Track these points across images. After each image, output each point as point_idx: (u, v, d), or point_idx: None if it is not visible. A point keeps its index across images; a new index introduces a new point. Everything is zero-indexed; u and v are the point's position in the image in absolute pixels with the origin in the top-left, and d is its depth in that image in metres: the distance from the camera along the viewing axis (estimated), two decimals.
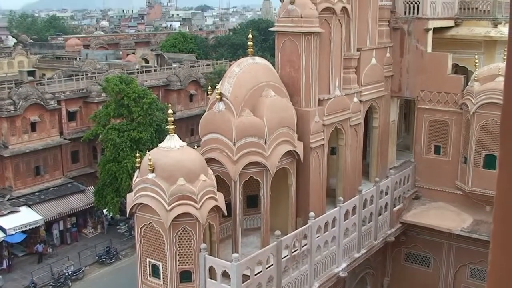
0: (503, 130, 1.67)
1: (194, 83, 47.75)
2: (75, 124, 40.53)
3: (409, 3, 20.95)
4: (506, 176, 1.69)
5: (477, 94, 19.46)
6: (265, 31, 61.43)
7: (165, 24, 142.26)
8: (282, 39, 16.90)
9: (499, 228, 1.72)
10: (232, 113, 15.16)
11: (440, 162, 21.39)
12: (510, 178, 1.68)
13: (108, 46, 75.58)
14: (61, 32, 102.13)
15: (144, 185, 13.68)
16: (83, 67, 52.51)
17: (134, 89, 34.88)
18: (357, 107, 19.23)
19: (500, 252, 1.69)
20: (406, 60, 21.35)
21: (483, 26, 22.10)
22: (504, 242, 1.70)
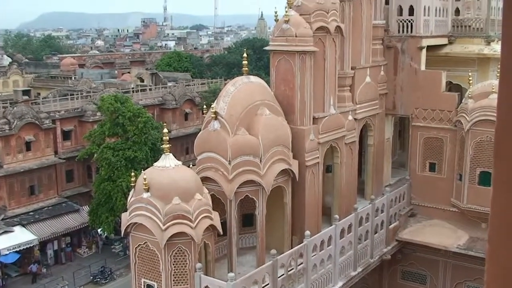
0: (497, 150, 1.68)
1: (189, 102, 47.85)
2: (70, 143, 40.46)
3: (403, 21, 21.11)
4: (500, 197, 1.69)
5: (471, 112, 19.55)
6: (260, 50, 61.73)
7: (160, 43, 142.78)
8: (276, 58, 16.98)
9: (494, 249, 1.71)
10: (227, 132, 15.16)
11: (435, 179, 21.41)
12: (504, 199, 1.68)
13: (103, 66, 75.75)
14: (57, 51, 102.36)
15: (139, 205, 13.63)
16: (78, 86, 52.54)
17: (129, 108, 34.91)
18: (352, 125, 19.27)
19: (496, 274, 1.69)
20: (400, 78, 21.46)
21: (476, 43, 22.28)
22: (499, 263, 1.69)
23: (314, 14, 17.01)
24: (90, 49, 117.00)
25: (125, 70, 69.41)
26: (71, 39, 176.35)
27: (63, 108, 41.64)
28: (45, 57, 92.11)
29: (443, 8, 22.15)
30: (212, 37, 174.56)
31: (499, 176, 1.71)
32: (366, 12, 19.49)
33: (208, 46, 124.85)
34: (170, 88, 50.12)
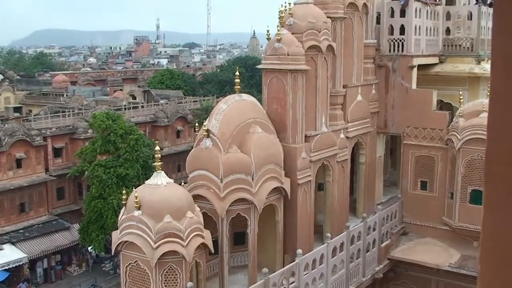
0: (487, 171, 1.68)
1: (181, 119, 47.83)
2: (61, 161, 40.23)
3: (394, 41, 21.28)
4: (491, 218, 1.70)
5: (462, 130, 19.66)
6: (252, 68, 61.96)
7: (153, 61, 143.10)
8: (269, 76, 17.05)
9: (486, 269, 1.71)
10: (219, 150, 15.16)
11: (426, 197, 21.45)
12: (494, 220, 1.68)
13: (96, 83, 75.69)
14: (49, 68, 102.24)
15: (130, 223, 13.55)
16: (70, 104, 52.44)
17: (121, 125, 34.82)
18: (344, 143, 19.32)
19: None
20: (392, 97, 21.58)
21: (467, 63, 22.48)
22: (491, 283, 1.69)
23: (306, 33, 17.13)
24: (83, 66, 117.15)
25: (117, 88, 69.42)
26: (64, 56, 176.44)
27: (54, 125, 41.49)
28: (37, 74, 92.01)
29: (434, 27, 22.36)
30: (205, 55, 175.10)
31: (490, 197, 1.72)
32: (357, 31, 19.65)
33: (201, 64, 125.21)
34: (162, 105, 50.13)
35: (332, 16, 18.23)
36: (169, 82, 71.77)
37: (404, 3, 20.73)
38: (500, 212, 1.69)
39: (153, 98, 56.67)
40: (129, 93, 60.53)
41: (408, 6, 20.68)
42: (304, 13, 17.39)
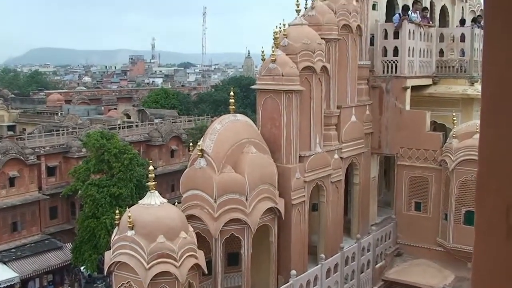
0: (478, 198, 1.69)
1: (175, 139, 47.85)
2: (54, 180, 40.12)
3: (387, 62, 21.42)
4: (482, 242, 1.70)
5: (456, 151, 19.72)
6: (247, 87, 62.22)
7: (148, 80, 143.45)
8: (263, 96, 17.11)
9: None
10: (213, 170, 15.15)
11: (421, 218, 21.43)
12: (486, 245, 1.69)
13: (90, 102, 75.73)
14: (43, 87, 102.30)
15: (123, 243, 13.47)
16: (64, 122, 52.41)
17: (115, 145, 34.81)
18: (338, 163, 19.35)
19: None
20: (385, 118, 21.66)
21: (460, 84, 22.61)
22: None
23: (300, 54, 17.24)
24: (77, 85, 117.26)
25: (112, 107, 69.46)
26: (58, 75, 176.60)
27: (48, 144, 41.43)
28: (32, 92, 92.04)
29: (427, 49, 22.54)
30: (200, 74, 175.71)
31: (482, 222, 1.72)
32: (351, 52, 19.79)
33: (195, 84, 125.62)
34: (156, 124, 50.18)
35: (326, 38, 18.37)
36: (163, 101, 71.93)
37: (398, 25, 20.91)
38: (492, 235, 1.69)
39: (148, 118, 56.71)
40: (124, 112, 60.57)
41: (401, 28, 20.85)
42: (298, 34, 17.52)
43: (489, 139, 1.69)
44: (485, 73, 1.68)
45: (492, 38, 1.66)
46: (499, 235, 1.66)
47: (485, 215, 1.70)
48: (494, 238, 1.68)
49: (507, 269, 1.64)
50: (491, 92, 1.66)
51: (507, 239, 1.64)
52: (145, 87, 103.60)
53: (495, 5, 1.63)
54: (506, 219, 1.64)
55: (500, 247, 1.66)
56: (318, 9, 18.60)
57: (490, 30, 1.67)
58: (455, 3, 26.01)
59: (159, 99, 72.53)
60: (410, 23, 21.00)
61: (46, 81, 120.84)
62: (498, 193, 1.64)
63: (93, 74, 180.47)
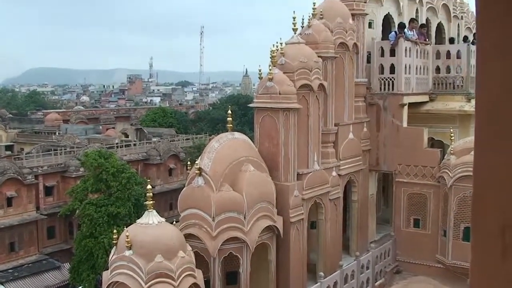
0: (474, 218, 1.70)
1: (173, 157, 47.85)
2: (52, 199, 40.03)
3: (384, 79, 21.51)
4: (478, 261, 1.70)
5: (454, 168, 19.73)
6: (245, 106, 62.31)
7: (146, 99, 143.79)
8: (261, 114, 17.15)
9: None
10: (211, 188, 15.12)
11: (419, 235, 21.37)
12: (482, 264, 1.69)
13: (88, 121, 75.84)
14: (41, 107, 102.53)
15: (120, 263, 13.39)
16: (62, 142, 52.43)
17: (113, 164, 34.79)
18: (336, 181, 19.34)
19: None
20: (383, 135, 21.70)
21: (457, 101, 22.70)
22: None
23: (297, 72, 17.31)
24: (75, 105, 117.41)
25: (110, 126, 69.56)
26: (57, 95, 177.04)
27: (46, 163, 41.41)
28: (30, 112, 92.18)
29: (424, 66, 22.65)
30: (197, 93, 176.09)
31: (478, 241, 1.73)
32: (348, 70, 19.89)
33: (193, 102, 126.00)
34: (154, 143, 50.20)
35: (323, 56, 18.46)
36: (161, 120, 72.07)
37: (394, 43, 21.03)
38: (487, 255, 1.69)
39: (146, 136, 56.76)
40: (122, 131, 60.62)
41: (398, 46, 20.98)
42: (295, 53, 17.61)
43: (484, 158, 1.70)
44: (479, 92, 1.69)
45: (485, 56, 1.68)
46: (495, 254, 1.66)
47: (481, 234, 1.70)
48: (490, 257, 1.68)
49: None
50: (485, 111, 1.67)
51: (503, 258, 1.64)
52: (143, 106, 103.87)
53: (487, 24, 1.65)
54: (502, 238, 1.64)
55: (496, 266, 1.66)
56: (315, 27, 18.72)
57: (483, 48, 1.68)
58: (451, 20, 26.21)
59: (157, 118, 72.67)
60: (406, 40, 21.13)
61: (44, 101, 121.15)
62: (494, 213, 1.65)
63: (91, 93, 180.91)
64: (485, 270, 1.70)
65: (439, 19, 25.44)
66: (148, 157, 46.51)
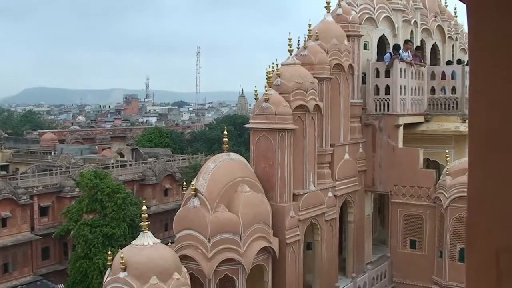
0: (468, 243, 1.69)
1: (169, 178, 47.73)
2: (47, 220, 39.80)
3: (380, 100, 21.60)
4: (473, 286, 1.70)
5: (449, 188, 19.73)
6: (241, 126, 62.43)
7: (142, 119, 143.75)
8: (257, 135, 17.17)
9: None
10: (207, 209, 15.07)
11: (416, 256, 21.29)
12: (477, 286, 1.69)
13: (84, 141, 75.66)
14: (37, 126, 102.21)
15: (115, 284, 13.29)
16: (57, 162, 52.23)
17: (108, 184, 34.68)
18: (332, 201, 19.31)
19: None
20: (379, 155, 21.72)
21: (452, 121, 22.78)
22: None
23: (293, 93, 17.38)
24: (71, 125, 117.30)
25: (105, 146, 69.39)
26: (52, 115, 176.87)
27: (41, 183, 41.23)
28: (25, 132, 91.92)
29: (419, 87, 22.78)
30: (194, 113, 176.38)
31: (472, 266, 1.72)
32: (343, 91, 19.98)
33: (189, 122, 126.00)
34: (150, 163, 50.09)
35: (318, 77, 18.56)
36: (157, 140, 71.97)
37: (389, 64, 21.16)
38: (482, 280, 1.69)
39: (142, 156, 56.66)
40: (117, 151, 60.50)
41: (393, 67, 21.11)
42: (291, 74, 17.70)
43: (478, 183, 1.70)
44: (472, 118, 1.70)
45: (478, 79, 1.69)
46: (489, 279, 1.66)
47: (475, 259, 1.70)
48: (484, 282, 1.67)
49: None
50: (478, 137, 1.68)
51: (497, 284, 1.64)
52: (139, 126, 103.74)
53: (480, 46, 1.66)
54: (496, 263, 1.64)
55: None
56: (311, 49, 18.84)
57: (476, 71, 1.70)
58: (446, 41, 26.42)
59: (153, 138, 72.59)
60: (401, 62, 21.27)
61: (40, 121, 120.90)
62: (488, 238, 1.65)
63: (87, 113, 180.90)
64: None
65: (434, 40, 25.64)
66: (143, 177, 46.38)
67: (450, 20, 27.14)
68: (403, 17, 23.00)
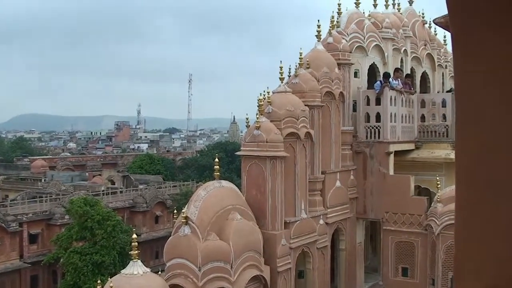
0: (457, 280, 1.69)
1: (160, 205, 47.52)
2: (36, 247, 39.40)
3: (370, 128, 21.69)
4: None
5: (441, 215, 19.72)
6: (232, 153, 62.32)
7: (133, 146, 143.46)
8: (248, 162, 17.16)
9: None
10: (197, 237, 14.97)
11: (408, 284, 21.16)
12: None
13: (75, 168, 75.39)
14: (28, 153, 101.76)
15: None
16: (47, 189, 51.94)
17: (99, 211, 34.49)
18: (323, 229, 19.24)
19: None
20: (370, 182, 21.73)
21: (443, 148, 22.88)
22: None
23: (284, 120, 17.44)
24: (62, 151, 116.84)
25: (96, 173, 69.15)
26: (43, 141, 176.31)
27: (31, 210, 40.91)
28: (16, 158, 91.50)
29: (409, 115, 22.92)
30: (185, 140, 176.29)
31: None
32: (334, 118, 20.07)
33: (181, 149, 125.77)
34: (141, 190, 49.88)
35: (309, 104, 18.65)
36: (148, 167, 71.78)
37: (379, 92, 21.32)
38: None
39: (132, 183, 56.45)
40: (108, 178, 60.27)
41: (383, 95, 21.26)
42: (282, 102, 17.78)
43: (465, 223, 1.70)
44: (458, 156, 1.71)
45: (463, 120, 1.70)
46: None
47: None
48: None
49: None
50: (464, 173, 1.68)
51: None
52: (130, 153, 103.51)
53: (464, 74, 1.68)
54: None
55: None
56: (302, 77, 18.97)
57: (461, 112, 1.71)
58: (436, 69, 26.68)
59: (144, 165, 72.40)
60: (391, 89, 21.43)
61: (31, 147, 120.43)
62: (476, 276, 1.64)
63: (78, 140, 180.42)
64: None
65: (423, 68, 25.90)
66: (134, 205, 46.15)
67: (439, 48, 27.45)
68: (393, 46, 23.25)
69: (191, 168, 70.86)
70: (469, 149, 1.66)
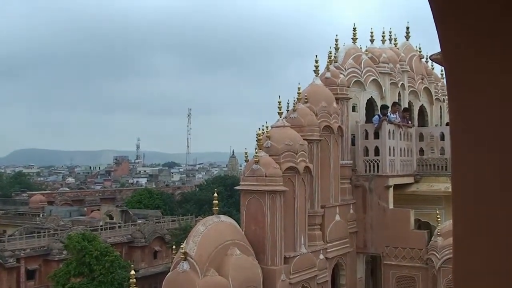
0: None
1: (158, 239, 47.23)
2: (33, 283, 39.03)
3: (369, 161, 21.72)
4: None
5: (441, 249, 19.61)
6: (231, 187, 62.22)
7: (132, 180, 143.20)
8: (247, 197, 17.13)
9: None
10: (196, 273, 14.85)
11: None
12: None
13: (73, 203, 75.11)
14: (26, 188, 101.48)
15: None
16: (46, 224, 51.64)
17: (97, 247, 34.26)
18: (323, 264, 19.09)
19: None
20: (370, 216, 21.65)
21: (442, 182, 22.84)
22: None
23: (283, 155, 17.47)
24: (61, 186, 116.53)
25: (94, 207, 68.87)
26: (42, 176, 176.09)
27: (28, 246, 40.61)
28: (14, 193, 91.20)
29: (408, 148, 22.97)
30: (184, 174, 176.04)
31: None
32: (333, 152, 20.10)
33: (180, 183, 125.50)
34: (139, 225, 49.62)
35: (308, 139, 18.71)
36: (147, 201, 71.52)
37: (377, 126, 21.41)
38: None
39: (131, 218, 56.14)
40: (106, 213, 59.95)
41: (381, 129, 21.34)
42: (281, 136, 17.84)
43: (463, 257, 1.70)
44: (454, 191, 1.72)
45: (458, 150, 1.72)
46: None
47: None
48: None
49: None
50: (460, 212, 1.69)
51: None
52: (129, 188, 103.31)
53: (458, 108, 1.70)
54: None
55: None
56: (300, 111, 19.07)
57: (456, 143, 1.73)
58: (433, 103, 26.82)
59: (142, 199, 72.15)
60: (389, 123, 21.52)
61: (30, 182, 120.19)
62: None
63: (77, 174, 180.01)
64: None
65: (421, 102, 26.04)
66: (132, 240, 45.86)
67: (437, 82, 27.64)
68: (390, 80, 23.43)
69: (190, 202, 70.59)
70: (465, 184, 1.68)
